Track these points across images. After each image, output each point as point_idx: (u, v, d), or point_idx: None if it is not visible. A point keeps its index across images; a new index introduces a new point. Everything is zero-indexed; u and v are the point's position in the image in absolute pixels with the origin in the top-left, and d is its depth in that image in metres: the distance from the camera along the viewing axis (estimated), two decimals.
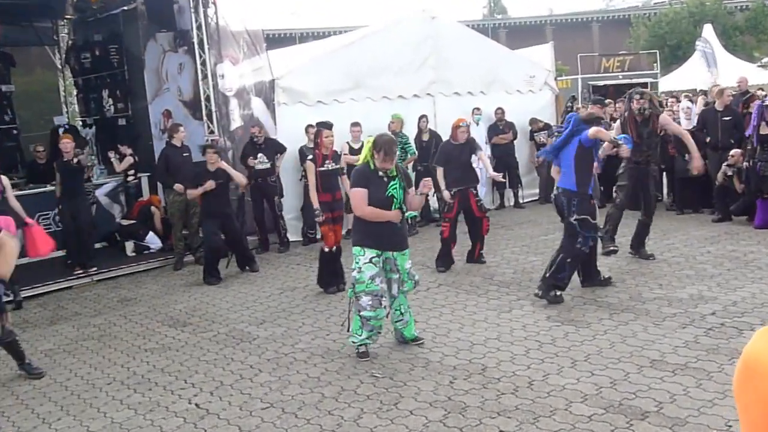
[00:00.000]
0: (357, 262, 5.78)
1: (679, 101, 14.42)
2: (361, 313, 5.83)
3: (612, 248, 8.50)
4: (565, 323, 6.56)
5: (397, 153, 5.97)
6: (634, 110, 8.39)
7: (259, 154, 10.81)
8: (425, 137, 12.15)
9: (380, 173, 5.77)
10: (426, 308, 7.31)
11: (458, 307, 7.37)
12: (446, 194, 8.94)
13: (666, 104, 15.63)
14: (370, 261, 5.74)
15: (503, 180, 13.21)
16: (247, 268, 9.68)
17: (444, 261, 9.02)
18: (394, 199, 5.80)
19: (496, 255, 9.63)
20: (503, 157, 13.58)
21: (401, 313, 6.11)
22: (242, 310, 7.88)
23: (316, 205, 8.10)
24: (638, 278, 7.93)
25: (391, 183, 5.80)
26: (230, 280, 9.32)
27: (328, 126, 8.16)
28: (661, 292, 7.30)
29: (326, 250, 8.22)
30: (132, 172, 12.13)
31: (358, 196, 5.75)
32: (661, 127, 8.46)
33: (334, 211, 8.11)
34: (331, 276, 8.31)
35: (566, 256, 7.12)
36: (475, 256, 9.22)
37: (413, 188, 6.06)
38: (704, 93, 17.74)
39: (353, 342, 5.95)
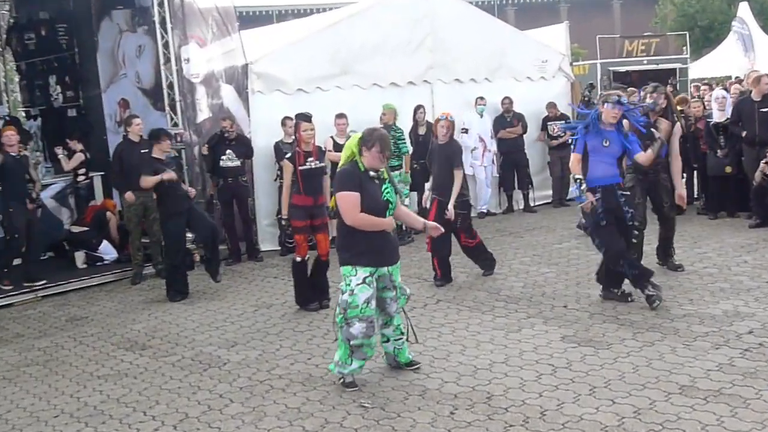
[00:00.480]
0: (348, 284, 5.71)
1: (713, 89, 14.50)
2: (352, 342, 5.77)
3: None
4: (583, 344, 6.57)
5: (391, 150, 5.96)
6: (645, 107, 8.40)
7: (228, 151, 10.82)
8: (422, 131, 12.16)
9: (371, 174, 5.73)
10: (422, 328, 7.29)
11: (460, 326, 7.37)
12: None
13: (698, 91, 15.70)
14: (364, 281, 5.69)
15: (494, 174, 13.23)
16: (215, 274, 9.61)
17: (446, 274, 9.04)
18: (390, 205, 5.78)
19: (503, 266, 9.65)
20: (511, 154, 13.61)
21: (401, 333, 6.13)
22: (211, 330, 7.87)
23: (284, 211, 8.09)
24: (666, 292, 7.94)
25: (384, 186, 5.78)
26: (197, 296, 9.30)
27: (306, 118, 8.13)
28: (691, 308, 7.34)
29: (298, 260, 8.20)
30: (83, 171, 12.10)
31: (350, 201, 5.62)
32: (667, 135, 8.37)
33: (314, 218, 8.07)
34: (310, 290, 8.29)
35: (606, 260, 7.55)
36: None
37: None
38: (740, 81, 17.82)
39: (341, 373, 5.92)
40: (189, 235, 9.78)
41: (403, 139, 11.60)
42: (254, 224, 11.31)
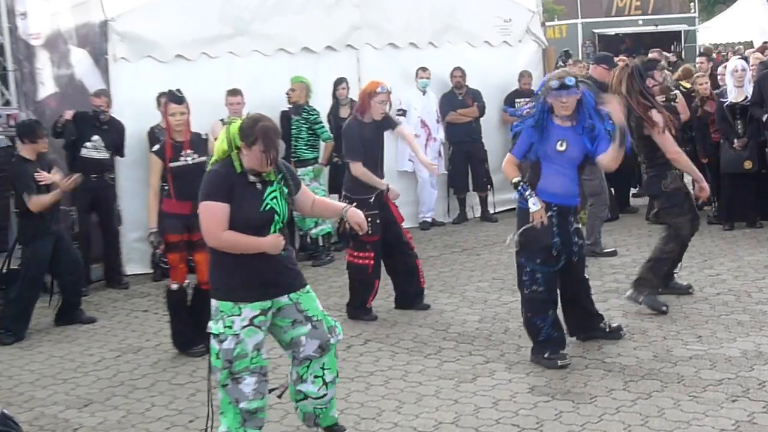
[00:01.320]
0: (229, 326, 5.61)
1: (727, 59, 14.81)
2: (243, 405, 5.66)
3: (664, 306, 8.54)
4: (558, 397, 6.63)
5: (279, 143, 5.80)
6: (656, 87, 8.53)
7: (96, 137, 10.65)
8: (344, 113, 12.16)
9: (251, 178, 5.68)
10: (345, 377, 7.26)
11: (395, 374, 7.37)
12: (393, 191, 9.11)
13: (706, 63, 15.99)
14: (251, 323, 5.63)
15: (441, 171, 13.38)
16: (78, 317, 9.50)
17: (363, 309, 9.07)
18: (275, 216, 5.71)
19: (454, 294, 9.70)
20: (464, 144, 13.71)
21: (322, 381, 5.97)
22: (56, 384, 7.74)
23: (152, 224, 8.10)
24: (666, 327, 8.09)
25: (268, 190, 5.71)
26: (38, 337, 9.16)
27: (176, 98, 8.11)
28: (700, 348, 7.47)
29: (173, 287, 8.19)
30: None
31: (213, 215, 5.54)
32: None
33: (193, 231, 7.97)
34: (192, 328, 8.19)
35: (523, 311, 7.52)
36: (412, 296, 9.25)
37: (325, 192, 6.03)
38: (765, 48, 18.27)
39: None
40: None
41: (321, 123, 11.61)
42: (118, 239, 11.15)
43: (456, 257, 11.52)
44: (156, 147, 8.19)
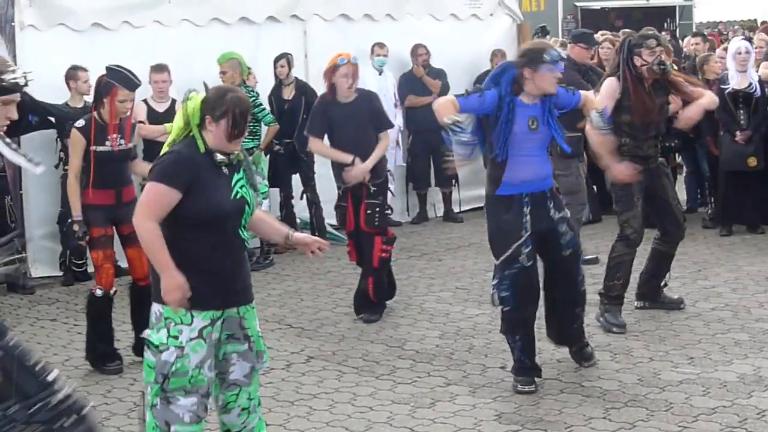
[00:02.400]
0: (174, 337, 5.51)
1: (728, 40, 14.91)
2: (174, 428, 5.64)
3: (617, 327, 8.54)
4: (529, 426, 6.65)
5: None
6: (645, 67, 8.58)
7: None
8: (287, 94, 12.17)
9: (218, 158, 5.62)
10: (285, 401, 7.27)
11: (342, 397, 7.36)
12: (356, 169, 9.05)
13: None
14: (200, 335, 5.57)
15: (399, 163, 13.43)
16: None
17: (371, 304, 9.19)
18: (246, 207, 5.67)
19: (411, 304, 9.71)
20: (426, 133, 13.65)
21: (248, 413, 5.94)
22: None
23: (76, 212, 8.02)
24: (653, 346, 8.12)
25: (236, 177, 5.67)
26: None
27: (128, 82, 8.08)
28: (691, 371, 7.50)
29: (99, 294, 8.14)
30: None
31: (154, 198, 5.46)
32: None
33: (121, 223, 8.00)
34: (110, 343, 8.23)
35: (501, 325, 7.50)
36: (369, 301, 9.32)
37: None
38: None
39: None
40: None
41: (261, 106, 11.54)
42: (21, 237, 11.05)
43: (414, 263, 11.53)
44: (80, 123, 8.09)
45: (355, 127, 9.04)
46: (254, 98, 11.38)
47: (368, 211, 9.07)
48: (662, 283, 9.10)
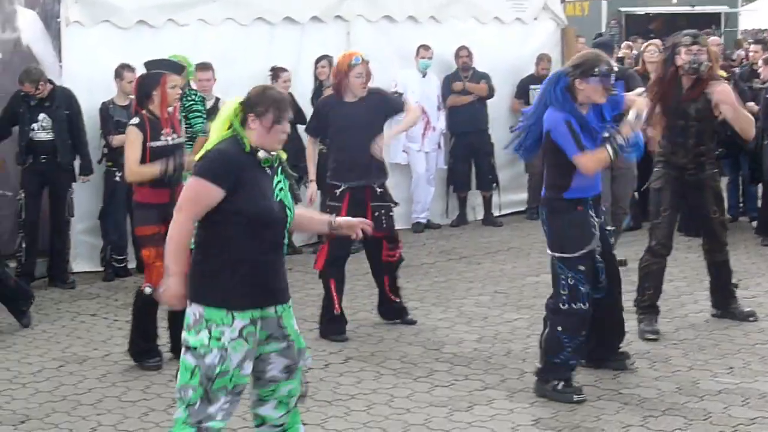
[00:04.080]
0: (217, 338, 5.49)
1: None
2: (205, 425, 5.60)
3: (649, 334, 8.57)
4: None
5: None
6: (682, 66, 8.54)
7: (41, 115, 10.65)
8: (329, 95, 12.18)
9: (261, 155, 5.63)
10: (322, 400, 7.29)
11: (379, 399, 7.38)
12: (311, 188, 9.34)
13: (745, 54, 16.08)
14: (240, 334, 5.59)
15: (441, 165, 13.38)
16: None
17: (334, 324, 9.03)
18: (287, 211, 5.67)
19: (449, 308, 9.72)
20: (468, 135, 13.71)
21: (285, 407, 5.92)
22: None
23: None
24: (692, 355, 8.11)
25: (275, 180, 5.66)
26: None
27: (175, 67, 8.24)
28: (731, 381, 7.49)
29: (147, 292, 8.12)
30: None
31: (196, 194, 5.50)
32: (715, 103, 8.59)
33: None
34: (151, 340, 8.30)
35: (554, 323, 7.33)
36: (390, 305, 9.29)
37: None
38: None
39: None
40: None
41: (197, 112, 11.10)
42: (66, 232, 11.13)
43: (453, 266, 11.54)
44: (135, 120, 8.16)
45: (361, 126, 8.94)
46: (192, 103, 11.09)
47: (375, 214, 8.89)
48: (734, 284, 9.10)
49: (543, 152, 7.46)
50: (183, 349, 5.54)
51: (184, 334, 5.57)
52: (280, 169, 5.68)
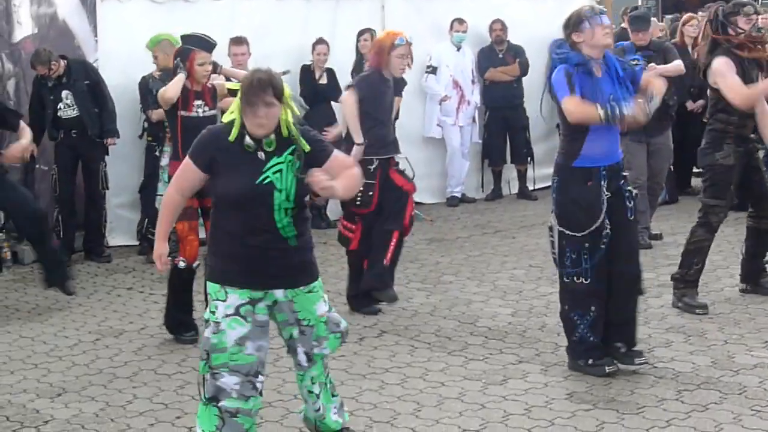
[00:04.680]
0: (212, 311, 5.64)
1: None
2: (223, 404, 5.62)
3: (699, 309, 8.52)
4: (600, 406, 6.65)
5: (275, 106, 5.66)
6: (742, 35, 8.27)
7: (64, 92, 10.71)
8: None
9: (248, 142, 5.66)
10: (357, 374, 7.32)
11: (413, 373, 7.40)
12: (357, 151, 8.74)
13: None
14: (237, 312, 5.62)
15: (475, 140, 13.42)
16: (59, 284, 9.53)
17: (362, 298, 9.01)
18: (275, 191, 5.67)
19: (484, 282, 9.74)
20: (503, 109, 13.73)
21: (315, 396, 6.01)
22: (26, 370, 7.78)
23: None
24: (728, 329, 8.09)
25: (273, 161, 5.63)
26: (5, 314, 9.21)
27: (205, 44, 8.23)
28: (766, 355, 7.47)
29: (181, 265, 8.21)
30: None
31: (181, 169, 5.85)
32: None
33: (204, 196, 8.00)
34: (187, 313, 8.36)
35: (562, 301, 7.35)
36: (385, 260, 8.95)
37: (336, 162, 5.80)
38: None
39: None
40: None
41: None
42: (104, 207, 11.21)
43: (488, 239, 11.55)
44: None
45: (391, 101, 9.19)
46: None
47: (398, 171, 9.02)
48: (766, 261, 9.04)
49: (558, 116, 7.36)
50: None
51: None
52: (288, 152, 5.64)
